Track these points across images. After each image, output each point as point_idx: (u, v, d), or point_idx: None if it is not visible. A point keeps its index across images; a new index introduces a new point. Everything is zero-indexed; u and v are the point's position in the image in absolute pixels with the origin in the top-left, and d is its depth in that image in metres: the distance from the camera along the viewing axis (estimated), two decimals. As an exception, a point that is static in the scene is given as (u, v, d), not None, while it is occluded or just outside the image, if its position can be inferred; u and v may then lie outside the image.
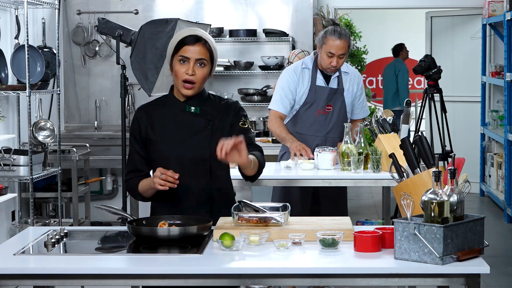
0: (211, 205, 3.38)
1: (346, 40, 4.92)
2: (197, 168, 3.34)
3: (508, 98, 7.94)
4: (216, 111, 3.38)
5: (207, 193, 3.38)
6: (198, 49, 3.30)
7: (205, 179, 3.36)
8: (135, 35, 5.64)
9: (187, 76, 3.29)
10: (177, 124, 3.35)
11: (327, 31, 4.95)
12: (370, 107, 12.72)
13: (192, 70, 3.29)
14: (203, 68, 3.32)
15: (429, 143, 3.56)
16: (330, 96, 5.06)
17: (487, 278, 5.65)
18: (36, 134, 6.10)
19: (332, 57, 4.93)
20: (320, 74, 5.06)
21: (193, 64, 3.30)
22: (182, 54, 3.30)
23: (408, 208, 2.86)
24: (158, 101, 3.45)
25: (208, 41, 3.33)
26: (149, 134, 3.38)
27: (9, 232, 6.29)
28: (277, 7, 7.76)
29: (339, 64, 4.96)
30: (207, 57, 3.33)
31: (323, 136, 5.08)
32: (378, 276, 2.77)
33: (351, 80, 5.13)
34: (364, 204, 9.17)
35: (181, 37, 3.32)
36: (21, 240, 3.23)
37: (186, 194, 3.35)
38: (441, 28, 9.91)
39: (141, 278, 2.82)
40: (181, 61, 3.31)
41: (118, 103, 7.55)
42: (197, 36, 3.31)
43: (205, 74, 3.33)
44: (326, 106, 5.05)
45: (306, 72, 5.07)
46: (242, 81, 7.79)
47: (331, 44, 4.90)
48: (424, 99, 7.29)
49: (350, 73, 5.14)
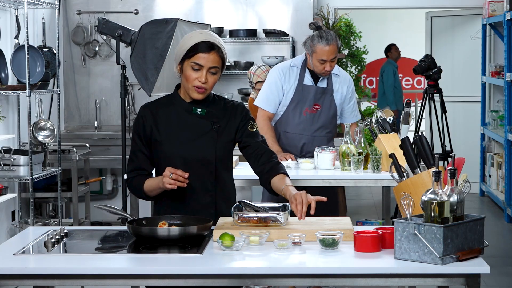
0: (215, 207, 3.38)
1: (334, 44, 4.90)
2: (202, 170, 3.33)
3: (508, 98, 7.94)
4: (221, 113, 3.37)
5: (212, 196, 3.37)
6: (212, 58, 3.27)
7: (209, 181, 3.36)
8: (135, 35, 5.64)
9: (199, 84, 3.28)
10: (182, 125, 3.33)
11: (313, 39, 4.91)
12: (370, 107, 12.83)
13: (205, 78, 3.27)
14: (215, 75, 3.31)
15: (429, 143, 3.56)
16: (317, 96, 5.05)
17: (487, 278, 5.65)
18: (36, 134, 6.10)
19: (324, 63, 4.93)
20: (309, 74, 5.05)
21: (206, 72, 3.27)
22: (195, 61, 3.26)
23: (408, 208, 2.86)
24: (163, 101, 3.43)
25: (221, 47, 3.31)
26: (154, 133, 3.36)
27: (9, 232, 6.29)
28: (277, 7, 7.77)
29: (332, 67, 4.98)
30: (219, 64, 3.31)
31: (310, 135, 5.07)
32: (378, 276, 2.77)
33: (341, 82, 5.13)
34: (364, 204, 9.17)
35: (194, 42, 3.27)
36: (21, 240, 3.23)
37: (191, 196, 3.35)
38: (441, 28, 9.91)
39: (141, 278, 2.82)
40: (193, 68, 3.28)
41: (118, 103, 7.55)
42: (211, 43, 3.27)
43: (216, 80, 3.33)
44: (313, 106, 5.04)
45: (294, 71, 5.06)
46: (242, 81, 7.79)
47: (321, 52, 4.89)
48: (424, 99, 7.29)
49: (341, 76, 5.15)
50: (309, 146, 5.04)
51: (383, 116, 4.91)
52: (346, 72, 8.75)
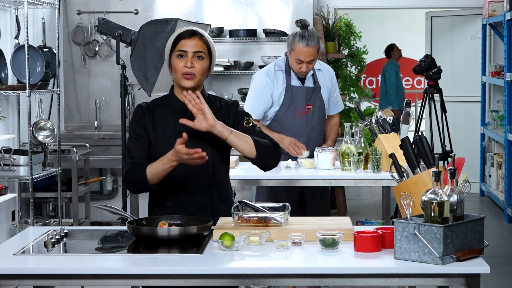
0: (212, 208, 3.37)
1: (315, 46, 4.85)
2: (199, 171, 3.33)
3: (508, 98, 7.94)
4: (217, 112, 3.36)
5: (209, 196, 3.37)
6: (195, 42, 3.32)
7: (207, 182, 3.36)
8: (135, 35, 5.64)
9: (186, 69, 3.29)
10: (179, 126, 3.32)
11: (295, 37, 4.87)
12: (370, 107, 12.83)
13: (190, 63, 3.30)
14: (202, 60, 3.32)
15: (429, 143, 3.56)
16: (308, 96, 5.02)
17: (487, 278, 5.65)
18: (36, 134, 6.10)
19: (301, 63, 4.90)
20: (294, 75, 5.02)
21: (191, 57, 3.31)
22: (179, 48, 3.32)
23: (408, 208, 2.86)
24: (158, 101, 3.43)
25: (204, 35, 3.36)
26: (150, 134, 3.36)
27: (9, 232, 6.29)
28: (277, 7, 7.76)
29: (309, 69, 4.92)
30: (205, 49, 3.33)
31: (306, 136, 5.05)
32: (378, 276, 2.77)
33: (325, 76, 5.11)
34: (364, 204, 9.17)
35: (177, 34, 3.35)
36: (21, 240, 3.23)
37: (188, 197, 3.34)
38: (441, 28, 9.91)
39: (141, 278, 2.82)
40: (179, 56, 3.32)
41: (118, 103, 7.55)
42: (193, 30, 3.35)
43: (204, 67, 3.33)
44: (306, 106, 5.03)
45: (279, 74, 5.02)
46: (242, 81, 7.79)
47: (299, 52, 4.85)
48: (424, 99, 7.28)
49: (323, 70, 5.12)
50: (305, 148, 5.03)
51: (383, 116, 4.91)
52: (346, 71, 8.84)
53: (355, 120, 8.04)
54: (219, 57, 7.70)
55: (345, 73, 8.81)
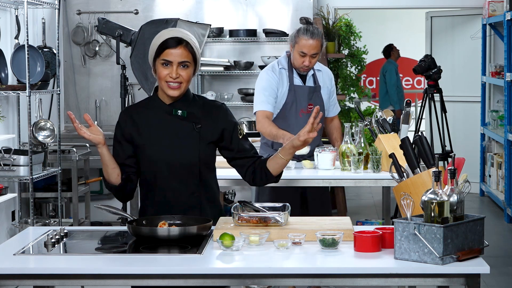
0: (200, 209, 3.35)
1: (319, 40, 4.88)
2: (186, 172, 3.31)
3: (508, 98, 7.94)
4: (202, 113, 3.34)
5: (197, 197, 3.35)
6: (180, 52, 3.26)
7: (194, 183, 3.34)
8: (135, 35, 5.65)
9: (171, 79, 3.26)
10: (164, 128, 3.31)
11: (299, 30, 4.89)
12: (370, 107, 12.83)
13: (175, 73, 3.25)
14: (187, 69, 3.28)
15: (429, 143, 3.56)
16: (310, 95, 5.03)
17: (487, 278, 5.65)
18: (36, 134, 6.10)
19: (304, 56, 4.90)
20: (296, 74, 5.03)
21: (176, 67, 3.26)
22: (164, 58, 3.26)
23: (408, 208, 2.86)
24: (142, 104, 3.41)
25: (190, 42, 3.28)
26: (135, 138, 3.34)
27: (9, 232, 6.29)
28: (277, 7, 7.76)
29: (311, 64, 4.93)
30: (190, 58, 3.28)
31: None
32: (378, 276, 2.77)
33: (325, 77, 5.12)
34: (364, 204, 9.17)
35: (162, 40, 3.28)
36: (21, 240, 3.23)
37: (176, 199, 3.33)
38: (441, 28, 9.91)
39: (141, 278, 2.82)
40: (163, 64, 3.27)
41: (118, 103, 7.55)
42: (178, 38, 3.27)
43: (189, 75, 3.29)
44: (308, 106, 5.03)
45: (283, 73, 5.02)
46: (242, 81, 7.79)
47: (303, 44, 4.86)
48: (424, 99, 7.29)
49: (323, 71, 5.14)
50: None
51: (383, 116, 4.92)
52: (346, 71, 8.84)
53: (355, 120, 8.03)
54: (219, 57, 7.71)
55: (345, 73, 8.81)
